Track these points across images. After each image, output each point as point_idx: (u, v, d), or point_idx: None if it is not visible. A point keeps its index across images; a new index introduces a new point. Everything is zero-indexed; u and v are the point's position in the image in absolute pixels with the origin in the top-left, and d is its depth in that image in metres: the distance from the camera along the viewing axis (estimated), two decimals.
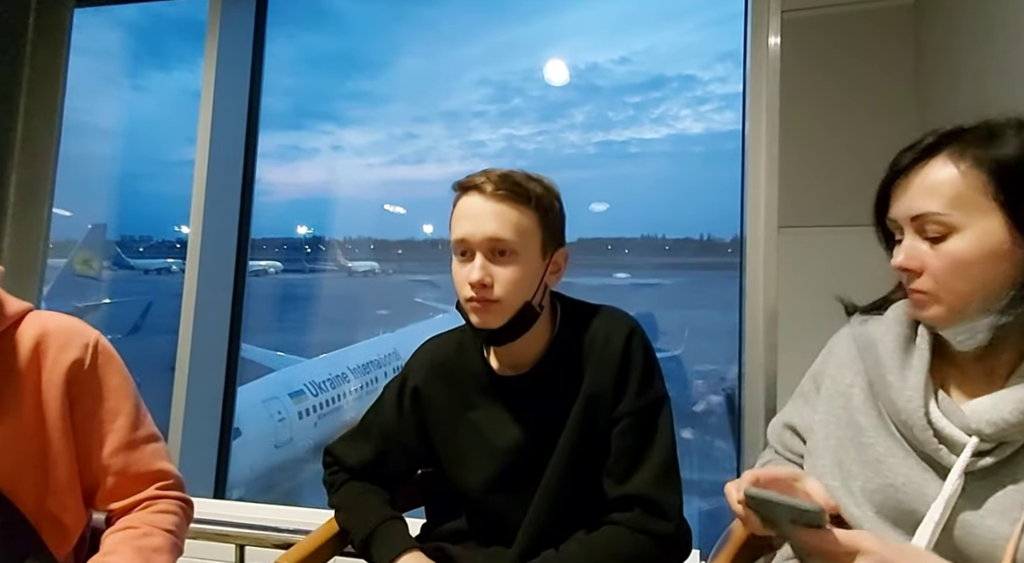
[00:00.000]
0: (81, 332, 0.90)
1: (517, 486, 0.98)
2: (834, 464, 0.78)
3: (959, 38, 1.42)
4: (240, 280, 2.21)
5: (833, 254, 1.61)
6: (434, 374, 1.06)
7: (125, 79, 3.48)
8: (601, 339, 0.97)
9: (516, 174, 0.95)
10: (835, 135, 1.63)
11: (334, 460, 1.11)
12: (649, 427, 0.95)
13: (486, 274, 0.90)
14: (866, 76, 1.62)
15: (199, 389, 2.04)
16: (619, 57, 13.67)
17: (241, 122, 2.24)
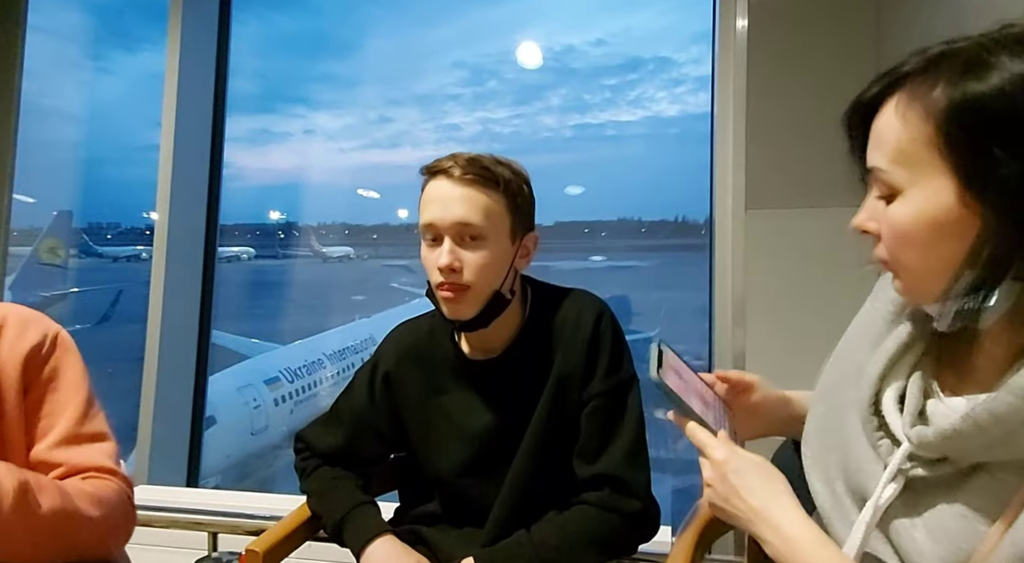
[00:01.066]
0: (41, 322, 0.89)
1: (489, 469, 0.99)
2: (815, 434, 0.69)
3: (919, 22, 1.44)
4: (209, 266, 2.19)
5: (800, 235, 1.64)
6: (405, 359, 1.06)
7: (89, 62, 3.35)
8: (571, 322, 0.98)
9: (484, 158, 0.94)
10: (801, 117, 1.65)
11: (305, 446, 1.10)
12: (618, 407, 0.96)
13: (455, 259, 0.90)
14: (830, 58, 1.65)
15: (169, 377, 2.01)
16: (595, 39, 13.77)
17: (207, 105, 2.19)
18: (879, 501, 0.57)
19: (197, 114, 2.15)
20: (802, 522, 0.61)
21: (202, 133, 2.18)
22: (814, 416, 0.70)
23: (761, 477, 0.64)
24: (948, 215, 0.52)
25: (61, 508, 0.73)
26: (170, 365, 2.02)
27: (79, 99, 10.26)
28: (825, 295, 1.61)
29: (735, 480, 0.64)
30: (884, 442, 0.59)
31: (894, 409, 0.60)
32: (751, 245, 1.65)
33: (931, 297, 0.56)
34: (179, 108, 2.04)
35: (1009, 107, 0.48)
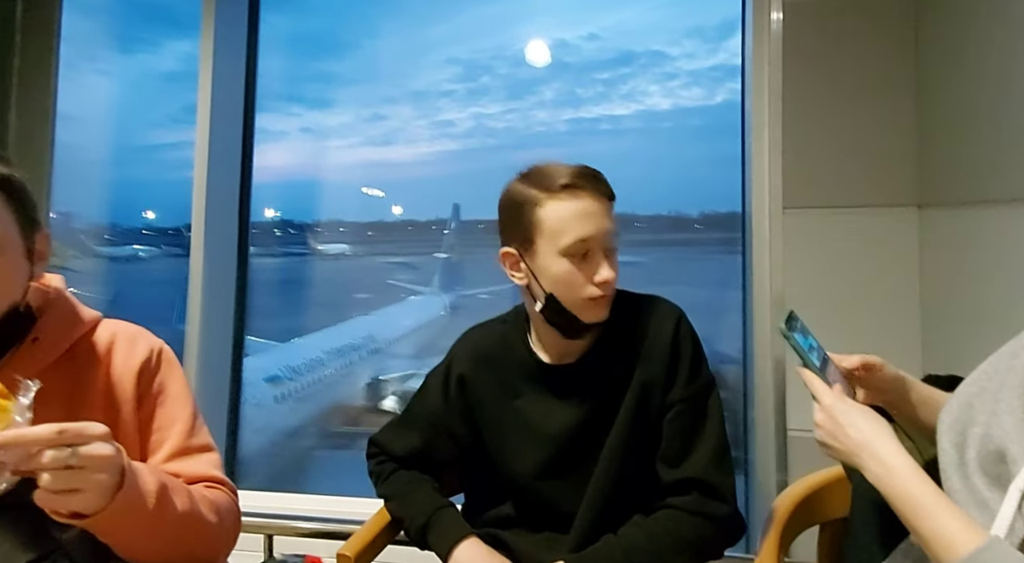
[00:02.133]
0: (147, 337, 0.91)
1: (566, 472, 1.01)
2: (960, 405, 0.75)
3: (958, 19, 1.46)
4: (243, 267, 2.21)
5: (837, 235, 1.65)
6: (479, 362, 1.08)
7: (85, 63, 3.34)
8: (652, 327, 1.01)
9: (593, 169, 1.00)
10: (837, 116, 1.66)
11: (380, 449, 1.12)
12: (700, 412, 0.98)
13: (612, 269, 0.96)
14: (866, 61, 1.66)
15: (207, 380, 2.03)
16: (587, 33, 13.86)
17: (238, 104, 2.21)
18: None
19: (229, 113, 2.16)
20: (901, 453, 0.69)
21: (234, 132, 2.19)
22: (964, 393, 0.76)
23: (865, 418, 0.73)
24: None
25: (190, 511, 0.76)
26: (209, 367, 2.03)
27: (76, 100, 10.12)
28: (862, 295, 1.64)
29: (842, 419, 0.73)
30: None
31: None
32: (788, 245, 1.67)
33: None
34: (213, 107, 2.04)
35: None
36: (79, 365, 0.85)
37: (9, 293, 0.79)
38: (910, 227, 1.61)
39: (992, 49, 1.33)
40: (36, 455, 0.61)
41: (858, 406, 0.75)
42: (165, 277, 11.29)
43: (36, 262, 0.84)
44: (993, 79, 1.33)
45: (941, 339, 1.54)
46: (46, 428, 0.62)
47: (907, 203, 1.62)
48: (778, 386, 1.65)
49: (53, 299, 0.87)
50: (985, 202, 1.33)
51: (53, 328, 0.84)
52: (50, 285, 0.89)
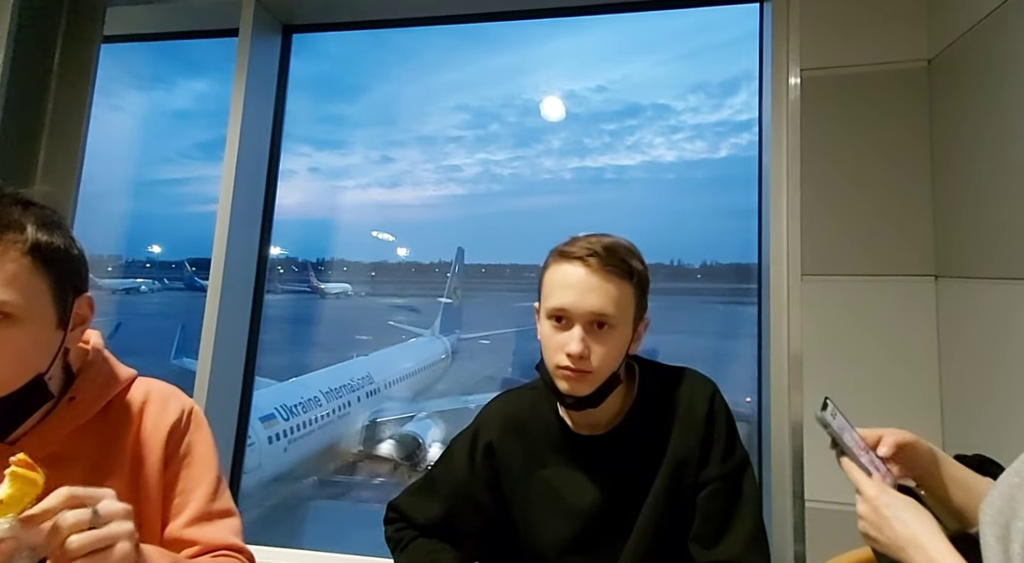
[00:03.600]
0: (179, 397, 0.91)
1: (594, 547, 0.99)
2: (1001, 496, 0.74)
3: (970, 98, 1.51)
4: (258, 303, 2.24)
5: (855, 303, 1.68)
6: (507, 430, 1.07)
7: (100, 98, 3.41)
8: (685, 401, 1.00)
9: (620, 248, 0.97)
10: (854, 187, 1.70)
11: (399, 516, 1.10)
12: (736, 491, 0.97)
13: (585, 347, 0.92)
14: (883, 132, 1.71)
15: (214, 419, 2.01)
16: (596, 85, 14.08)
17: (266, 141, 2.26)
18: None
19: (256, 150, 2.20)
20: (951, 551, 0.69)
21: (257, 188, 2.22)
22: (1006, 483, 0.75)
23: (911, 512, 0.73)
24: None
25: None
26: (218, 399, 2.02)
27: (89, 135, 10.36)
28: (881, 364, 1.65)
29: (887, 512, 0.73)
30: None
31: None
32: (806, 312, 1.69)
33: None
34: (241, 144, 2.08)
35: None
36: (111, 424, 0.85)
37: (29, 367, 0.75)
38: (927, 297, 1.63)
39: (1006, 125, 1.37)
40: (54, 534, 0.59)
41: (903, 498, 0.75)
42: (164, 310, 11.33)
43: (74, 328, 0.81)
44: (1007, 155, 1.36)
45: (961, 411, 1.53)
46: (60, 491, 0.61)
47: (924, 273, 1.64)
48: (796, 453, 1.63)
49: (91, 359, 0.87)
50: (998, 278, 1.35)
51: (89, 388, 0.84)
52: (89, 342, 0.89)
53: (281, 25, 2.28)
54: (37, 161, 2.00)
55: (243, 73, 2.09)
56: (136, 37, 2.32)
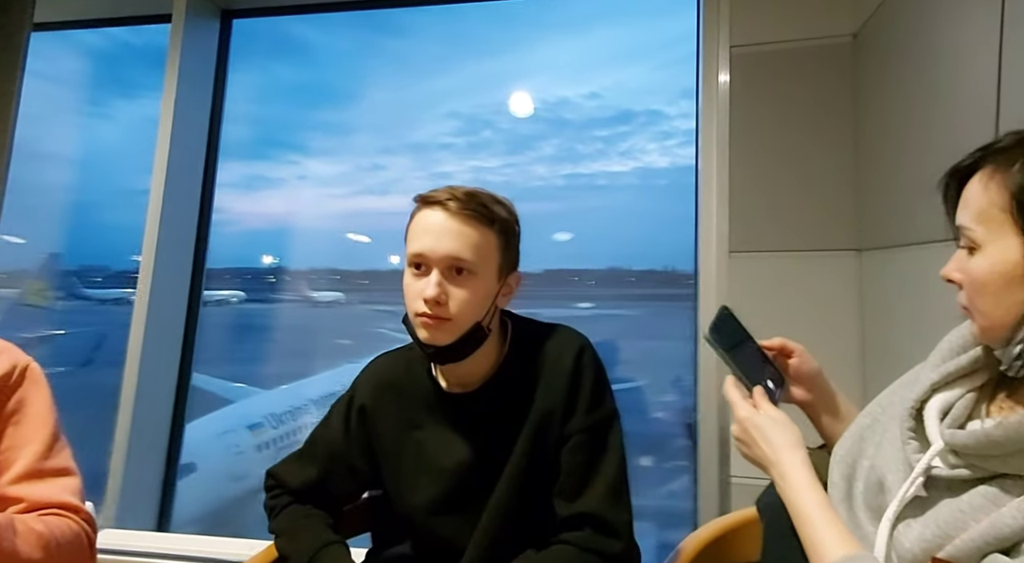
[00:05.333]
0: (11, 353, 0.88)
1: (463, 506, 0.96)
2: (852, 437, 0.77)
3: (891, 71, 1.50)
4: (193, 310, 2.17)
5: (782, 278, 1.66)
6: (381, 392, 1.05)
7: (88, 107, 3.44)
8: (552, 357, 0.97)
9: (482, 194, 0.95)
10: (781, 164, 1.70)
11: (276, 483, 1.07)
12: (599, 444, 0.95)
13: (442, 292, 0.90)
14: (809, 108, 1.71)
15: (145, 420, 1.97)
16: (588, 92, 14.09)
17: (200, 151, 2.22)
18: (904, 496, 0.65)
19: (190, 159, 2.17)
20: (800, 465, 0.73)
21: (193, 178, 2.19)
22: (857, 424, 0.79)
23: (777, 430, 0.76)
24: (1015, 269, 0.61)
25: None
26: (147, 408, 1.97)
27: (76, 144, 10.33)
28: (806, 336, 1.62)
29: (754, 433, 0.78)
30: (913, 443, 0.68)
31: (935, 415, 0.69)
32: (733, 289, 1.67)
33: (1001, 341, 0.64)
34: (171, 153, 2.06)
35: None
36: None
37: None
38: (850, 271, 1.62)
39: (915, 108, 1.36)
40: None
41: (772, 418, 0.78)
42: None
43: None
44: (917, 133, 1.35)
45: (881, 376, 1.51)
46: None
47: (847, 248, 1.63)
48: (722, 431, 1.62)
49: None
50: (914, 243, 1.33)
51: None
52: None
53: (219, 10, 2.26)
54: None
55: (176, 61, 2.07)
56: (68, 24, 2.30)
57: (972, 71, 1.12)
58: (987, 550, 0.57)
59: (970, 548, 0.58)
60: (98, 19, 2.31)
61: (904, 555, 0.63)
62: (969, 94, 1.13)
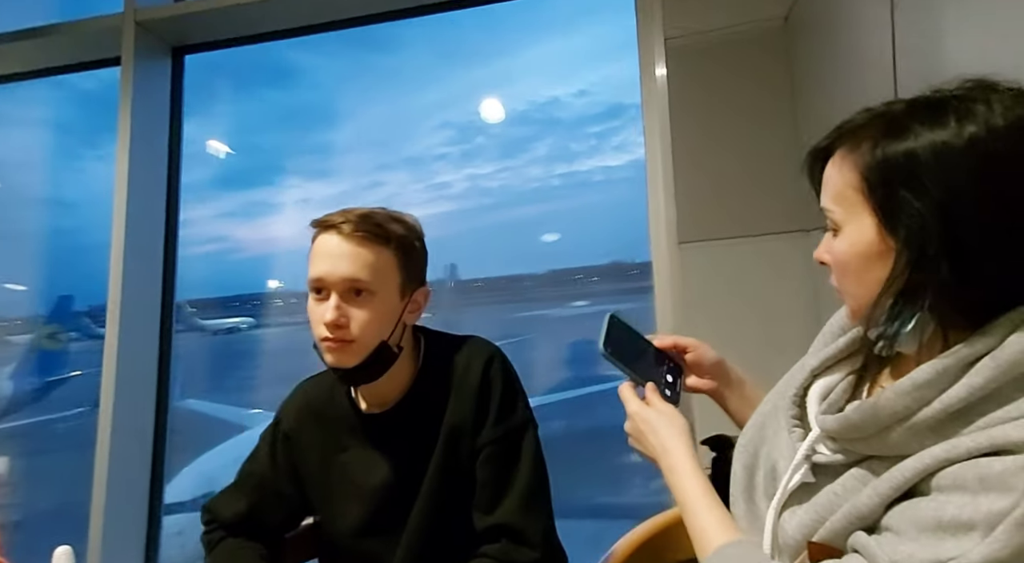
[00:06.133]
0: None
1: (388, 527, 0.97)
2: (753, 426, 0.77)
3: (823, 50, 1.49)
4: (166, 347, 2.19)
5: (733, 264, 1.66)
6: (304, 417, 1.05)
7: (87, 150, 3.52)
8: (461, 369, 0.98)
9: (377, 214, 0.95)
10: (723, 152, 1.70)
11: (212, 517, 1.07)
12: (511, 454, 0.95)
13: (341, 314, 0.90)
14: (747, 93, 1.71)
15: (123, 463, 1.99)
16: (577, 90, 14.01)
17: (161, 188, 2.24)
18: (787, 485, 0.65)
19: (150, 199, 2.19)
20: (685, 454, 0.74)
21: (155, 217, 2.21)
22: (758, 412, 0.78)
23: (664, 422, 0.77)
24: (871, 248, 0.60)
25: None
26: (123, 448, 1.99)
27: (78, 187, 10.51)
28: (761, 319, 1.62)
29: (643, 426, 0.78)
30: (798, 430, 0.67)
31: (816, 401, 0.69)
32: (685, 278, 1.67)
33: (869, 322, 0.62)
34: (130, 195, 2.08)
35: (915, 164, 0.57)
36: None
37: None
38: (799, 251, 1.61)
39: (850, 84, 1.36)
40: None
41: (658, 410, 0.78)
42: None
43: None
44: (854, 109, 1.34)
45: None
46: None
47: (793, 229, 1.62)
48: None
49: None
50: None
51: None
52: None
53: (170, 47, 2.29)
54: None
55: (128, 102, 2.10)
56: (21, 75, 2.34)
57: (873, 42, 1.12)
58: (851, 529, 0.58)
59: (836, 529, 0.58)
60: (50, 68, 2.35)
61: (788, 542, 0.63)
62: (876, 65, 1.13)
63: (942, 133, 0.56)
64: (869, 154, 0.60)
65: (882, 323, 0.60)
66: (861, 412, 0.59)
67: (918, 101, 0.61)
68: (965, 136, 0.55)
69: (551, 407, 6.98)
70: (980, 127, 0.55)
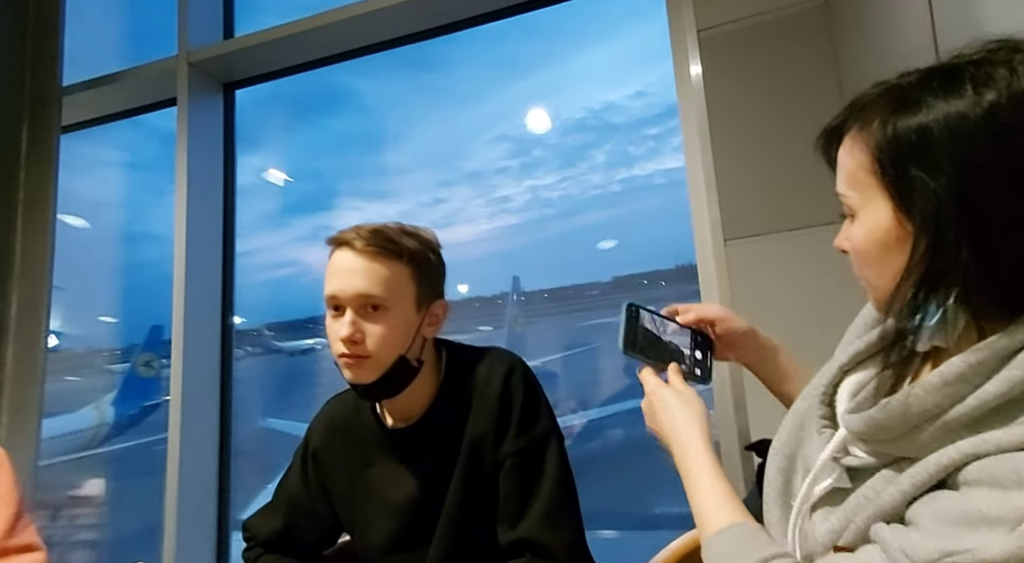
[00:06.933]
0: None
1: (416, 543, 0.96)
2: (789, 426, 0.73)
3: (869, 30, 1.41)
4: (227, 371, 2.28)
5: (781, 259, 1.58)
6: (331, 435, 1.06)
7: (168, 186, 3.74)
8: (482, 381, 0.96)
9: (390, 228, 0.95)
10: (766, 144, 1.62)
11: (250, 534, 1.09)
12: (535, 467, 0.92)
13: (356, 330, 0.90)
14: (789, 81, 1.62)
15: (193, 480, 2.08)
16: (634, 92, 13.86)
17: (218, 220, 2.35)
18: (814, 487, 0.61)
19: (208, 230, 2.30)
20: (698, 436, 0.70)
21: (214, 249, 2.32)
22: (793, 411, 0.73)
23: (679, 404, 0.74)
24: (889, 234, 0.56)
25: None
26: (191, 467, 2.08)
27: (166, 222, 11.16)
28: (814, 315, 1.52)
29: (658, 405, 0.75)
30: (827, 431, 0.63)
31: (846, 399, 0.64)
32: (733, 277, 1.60)
33: (893, 313, 0.58)
34: (188, 230, 2.19)
35: (929, 140, 0.52)
36: None
37: None
38: None
39: (899, 64, 1.27)
40: None
41: (676, 391, 0.76)
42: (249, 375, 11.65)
43: None
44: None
45: None
46: None
47: None
48: (741, 425, 1.54)
49: None
50: None
51: None
52: None
53: (221, 84, 2.41)
54: (14, 254, 2.17)
55: (184, 139, 2.21)
56: (90, 122, 2.51)
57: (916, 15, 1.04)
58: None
59: (860, 531, 0.55)
60: (115, 113, 2.52)
61: (816, 548, 0.59)
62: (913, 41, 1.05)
63: (957, 103, 0.50)
64: (879, 132, 0.56)
65: (904, 316, 0.55)
66: (887, 411, 0.54)
67: (932, 70, 0.56)
68: (983, 105, 0.49)
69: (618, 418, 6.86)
70: (1000, 94, 0.49)
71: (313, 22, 2.14)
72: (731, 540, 0.61)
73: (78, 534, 4.20)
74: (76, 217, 3.36)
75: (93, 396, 8.23)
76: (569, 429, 6.65)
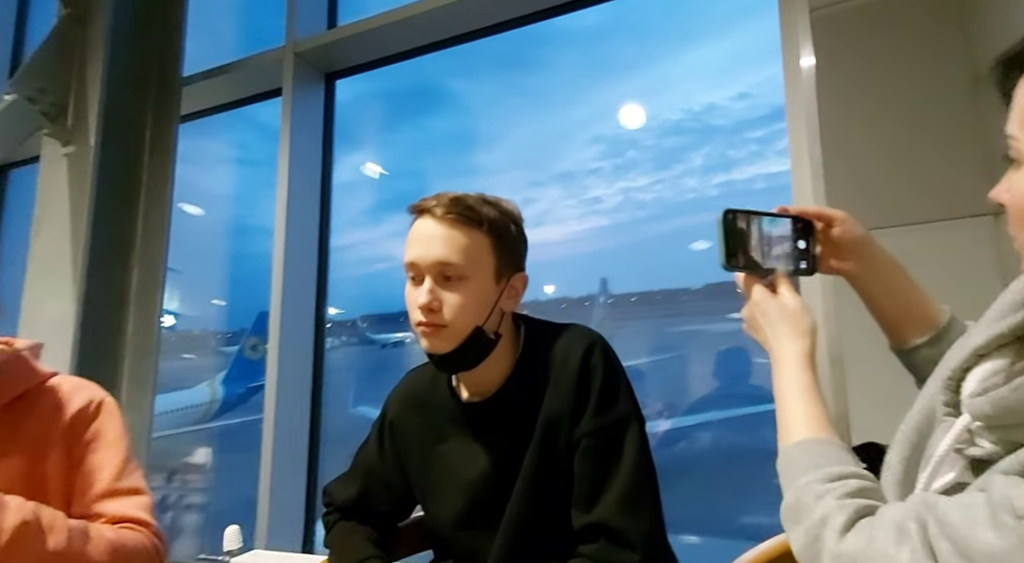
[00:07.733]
0: (89, 389, 1.02)
1: (487, 519, 0.93)
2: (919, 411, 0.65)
3: (1006, 6, 1.25)
4: (319, 356, 2.37)
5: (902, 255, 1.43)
6: (407, 406, 1.05)
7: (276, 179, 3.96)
8: (560, 358, 0.92)
9: (470, 197, 0.93)
10: (886, 131, 1.48)
11: (329, 500, 1.10)
12: (613, 449, 0.87)
13: (434, 298, 0.88)
14: (911, 64, 1.48)
15: (285, 456, 2.18)
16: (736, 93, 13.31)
17: (315, 209, 2.45)
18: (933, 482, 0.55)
19: (306, 219, 2.41)
20: (795, 347, 0.67)
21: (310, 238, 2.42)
22: (926, 395, 0.65)
23: (783, 316, 0.70)
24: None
25: (65, 550, 0.80)
26: (285, 444, 2.18)
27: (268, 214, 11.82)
28: None
29: (762, 320, 0.72)
30: (950, 419, 0.56)
31: (975, 382, 0.56)
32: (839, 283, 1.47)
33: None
34: (289, 218, 2.30)
35: None
36: (16, 413, 0.95)
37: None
38: (985, 238, 1.35)
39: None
40: None
41: (781, 301, 0.71)
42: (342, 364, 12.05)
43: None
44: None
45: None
46: None
47: (978, 213, 1.36)
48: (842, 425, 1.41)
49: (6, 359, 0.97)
50: None
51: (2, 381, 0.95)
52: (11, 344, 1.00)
53: (323, 74, 2.50)
54: (136, 233, 2.35)
55: (287, 129, 2.32)
56: (204, 112, 2.68)
57: None
58: None
59: None
60: (226, 103, 2.68)
61: None
62: None
63: None
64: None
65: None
66: (1022, 393, 0.46)
67: None
68: None
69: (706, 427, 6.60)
70: None
71: (412, 10, 2.19)
72: (808, 451, 0.57)
73: (189, 496, 4.56)
74: (194, 206, 3.61)
75: (207, 375, 8.82)
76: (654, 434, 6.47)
